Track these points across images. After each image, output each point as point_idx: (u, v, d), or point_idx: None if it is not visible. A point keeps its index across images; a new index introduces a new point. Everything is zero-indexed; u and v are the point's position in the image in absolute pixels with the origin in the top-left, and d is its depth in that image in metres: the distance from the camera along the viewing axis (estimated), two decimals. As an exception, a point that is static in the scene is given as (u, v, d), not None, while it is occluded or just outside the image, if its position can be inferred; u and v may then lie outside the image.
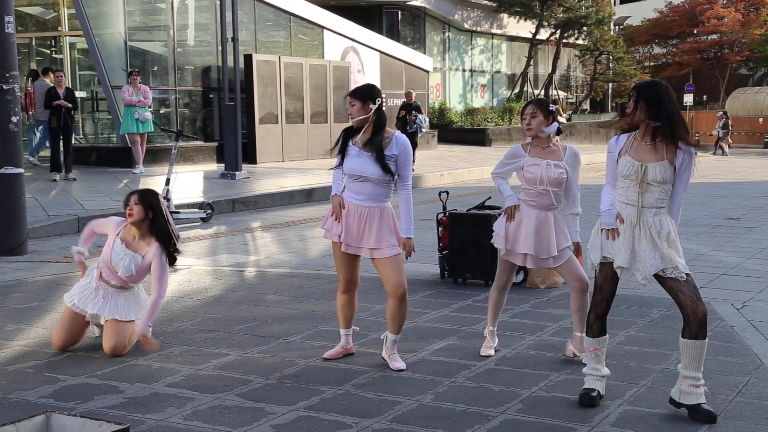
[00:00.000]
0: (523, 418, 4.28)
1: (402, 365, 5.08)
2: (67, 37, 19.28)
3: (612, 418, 4.30)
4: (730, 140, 34.27)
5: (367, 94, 5.05)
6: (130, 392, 4.66)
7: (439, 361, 5.25)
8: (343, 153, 5.10)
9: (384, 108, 5.12)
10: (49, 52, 20.13)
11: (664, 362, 5.22)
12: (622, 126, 4.47)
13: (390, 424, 4.19)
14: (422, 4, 30.84)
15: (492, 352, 5.38)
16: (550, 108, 5.16)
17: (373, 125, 5.01)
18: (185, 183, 15.22)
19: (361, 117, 5.01)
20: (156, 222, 5.47)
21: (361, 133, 5.06)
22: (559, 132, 5.19)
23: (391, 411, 4.38)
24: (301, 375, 4.97)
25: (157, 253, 5.43)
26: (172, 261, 5.55)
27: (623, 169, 4.34)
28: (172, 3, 18.86)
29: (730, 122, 33.48)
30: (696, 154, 4.39)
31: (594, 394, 4.48)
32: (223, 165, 16.97)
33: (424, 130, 19.59)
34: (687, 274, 4.30)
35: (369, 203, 5.01)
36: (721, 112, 34.78)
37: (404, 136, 5.14)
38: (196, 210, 11.93)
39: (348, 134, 5.13)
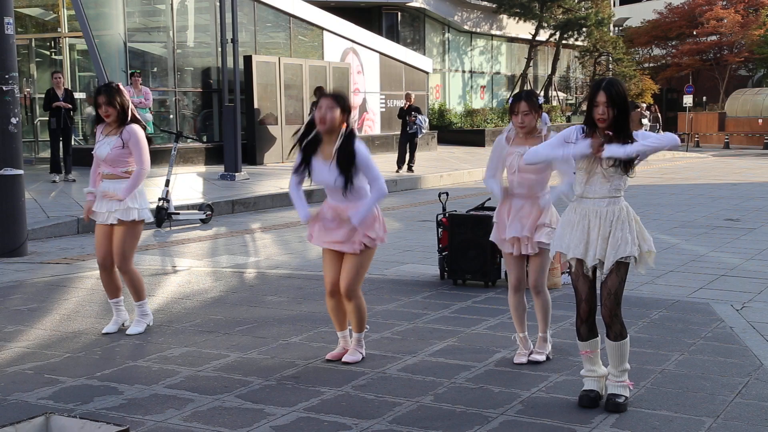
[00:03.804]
0: (523, 420, 4.28)
1: (354, 358, 5.17)
2: (67, 39, 19.29)
3: (612, 419, 4.29)
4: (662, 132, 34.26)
5: (347, 102, 5.03)
6: (129, 393, 4.66)
7: (438, 363, 5.25)
8: (307, 166, 5.05)
9: (383, 109, 5.13)
10: (48, 53, 20.14)
11: (664, 363, 5.22)
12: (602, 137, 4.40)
13: (390, 426, 4.19)
14: (422, 6, 30.86)
15: (524, 359, 5.22)
16: (540, 102, 5.12)
17: (345, 137, 4.95)
18: (185, 184, 15.22)
19: (336, 124, 4.94)
20: (124, 113, 5.86)
21: (324, 142, 5.01)
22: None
23: (390, 412, 4.38)
24: (301, 376, 4.97)
25: (128, 129, 5.82)
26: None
27: (579, 161, 4.37)
28: (171, 4, 18.87)
29: (659, 116, 33.57)
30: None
31: (593, 395, 4.49)
32: (222, 166, 16.98)
33: (424, 131, 19.59)
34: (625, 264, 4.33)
35: (345, 203, 5.04)
36: (646, 105, 34.66)
37: (358, 140, 5.03)
38: (196, 211, 11.93)
39: (308, 146, 5.04)
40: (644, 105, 33.86)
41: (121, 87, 5.95)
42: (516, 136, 5.13)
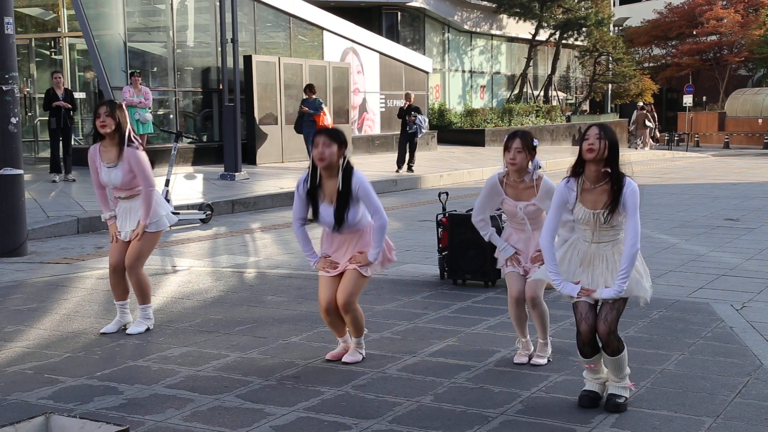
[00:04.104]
0: (523, 419, 4.28)
1: (353, 359, 5.21)
2: (67, 39, 19.29)
3: (612, 419, 4.30)
4: (657, 134, 34.31)
5: (343, 137, 5.07)
6: (129, 393, 4.66)
7: (438, 362, 5.26)
8: (314, 207, 5.09)
9: (383, 109, 5.15)
10: (48, 53, 20.14)
11: (664, 363, 5.22)
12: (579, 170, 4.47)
13: (390, 425, 4.19)
14: (422, 5, 30.85)
15: (524, 359, 5.27)
16: (534, 143, 5.12)
17: (343, 174, 4.99)
18: (185, 184, 15.23)
19: (335, 160, 4.97)
20: (120, 130, 5.84)
21: (323, 178, 5.04)
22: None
23: (390, 412, 4.38)
24: (301, 376, 4.97)
25: (129, 153, 5.80)
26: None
27: (578, 216, 4.45)
28: (171, 4, 18.86)
29: (656, 115, 33.63)
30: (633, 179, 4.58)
31: (593, 395, 4.49)
32: (222, 166, 16.98)
33: (424, 130, 19.60)
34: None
35: (347, 232, 5.12)
36: (641, 103, 34.62)
37: (355, 170, 5.08)
38: (196, 211, 11.93)
39: (312, 187, 5.07)
40: (640, 104, 33.84)
41: (124, 108, 5.97)
42: (508, 180, 5.13)
